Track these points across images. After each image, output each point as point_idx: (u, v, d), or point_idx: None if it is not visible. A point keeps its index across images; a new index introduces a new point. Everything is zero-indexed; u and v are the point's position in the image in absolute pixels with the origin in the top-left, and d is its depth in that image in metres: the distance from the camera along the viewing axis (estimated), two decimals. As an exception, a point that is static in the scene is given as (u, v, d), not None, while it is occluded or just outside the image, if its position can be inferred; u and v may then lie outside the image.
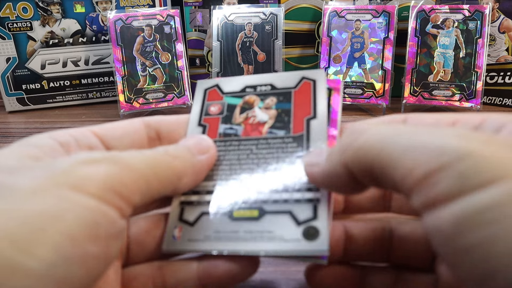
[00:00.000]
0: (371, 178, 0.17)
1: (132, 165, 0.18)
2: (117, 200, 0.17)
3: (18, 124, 0.64)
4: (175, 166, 0.20)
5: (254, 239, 0.21)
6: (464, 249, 0.12)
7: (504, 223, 0.12)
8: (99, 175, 0.17)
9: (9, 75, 0.66)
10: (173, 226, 0.22)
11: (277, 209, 0.21)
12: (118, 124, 0.24)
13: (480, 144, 0.13)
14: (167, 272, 0.22)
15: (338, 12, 0.64)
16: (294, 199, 0.21)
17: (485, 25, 0.59)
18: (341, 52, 0.64)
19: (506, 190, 0.12)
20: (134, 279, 0.22)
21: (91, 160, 0.17)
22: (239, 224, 0.21)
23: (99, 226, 0.16)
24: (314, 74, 0.26)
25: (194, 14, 0.68)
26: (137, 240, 0.22)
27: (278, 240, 0.20)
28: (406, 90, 0.62)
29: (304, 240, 0.20)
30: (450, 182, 0.13)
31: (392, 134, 0.16)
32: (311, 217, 0.20)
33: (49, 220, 0.15)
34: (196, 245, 0.21)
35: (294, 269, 0.29)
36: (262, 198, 0.22)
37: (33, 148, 0.19)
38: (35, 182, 0.16)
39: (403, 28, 0.65)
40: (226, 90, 0.27)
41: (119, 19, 0.62)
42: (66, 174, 0.16)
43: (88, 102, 0.71)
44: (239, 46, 0.64)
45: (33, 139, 0.20)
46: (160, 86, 0.63)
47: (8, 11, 0.64)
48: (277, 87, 0.26)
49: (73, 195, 0.16)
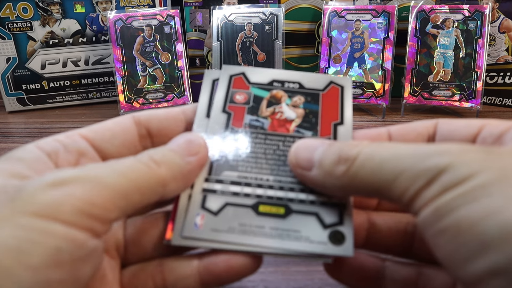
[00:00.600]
0: (368, 196, 0.19)
1: (107, 182, 0.18)
2: (88, 221, 0.17)
3: (18, 124, 0.64)
4: (160, 174, 0.19)
5: (280, 237, 0.21)
6: (440, 231, 0.16)
7: (466, 208, 0.15)
8: (67, 198, 0.16)
9: (9, 75, 0.66)
10: (195, 213, 0.21)
11: (303, 209, 0.21)
12: (107, 124, 0.23)
13: (456, 154, 0.17)
14: (167, 269, 0.22)
15: (338, 12, 0.64)
16: (320, 201, 0.22)
17: (485, 25, 0.59)
18: (341, 52, 0.64)
19: (473, 183, 0.16)
20: (134, 277, 0.22)
21: (60, 181, 0.17)
22: (264, 220, 0.21)
23: (62, 252, 0.16)
24: (342, 80, 0.26)
25: (194, 14, 0.68)
26: (134, 240, 0.22)
27: (304, 241, 0.20)
28: (406, 90, 0.62)
29: (330, 244, 0.20)
30: (434, 190, 0.16)
31: (381, 161, 0.18)
32: (337, 221, 0.21)
33: (9, 255, 0.15)
34: (219, 235, 0.21)
35: (294, 269, 0.29)
36: (288, 196, 0.22)
37: (18, 163, 0.19)
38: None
39: (403, 28, 0.65)
40: (253, 80, 0.26)
41: (119, 19, 0.62)
42: (30, 200, 0.16)
43: (88, 102, 0.71)
44: (239, 46, 0.64)
45: (19, 152, 0.20)
46: (160, 86, 0.63)
47: (8, 11, 0.64)
48: (305, 87, 0.26)
49: (36, 222, 0.15)
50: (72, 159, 0.21)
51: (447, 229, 0.16)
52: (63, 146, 0.21)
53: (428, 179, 0.17)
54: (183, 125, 0.25)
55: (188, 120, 0.25)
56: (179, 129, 0.25)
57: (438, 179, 0.16)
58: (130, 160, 0.19)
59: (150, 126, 0.24)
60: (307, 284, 0.27)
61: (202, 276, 0.21)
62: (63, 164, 0.20)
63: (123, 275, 0.22)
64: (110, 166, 0.19)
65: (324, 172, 0.20)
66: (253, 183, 0.22)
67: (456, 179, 0.16)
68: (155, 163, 0.20)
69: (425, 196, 0.17)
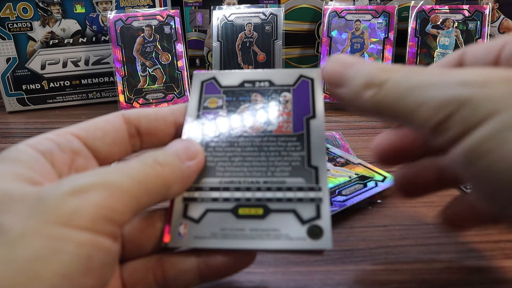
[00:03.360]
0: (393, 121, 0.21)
1: (122, 186, 0.18)
2: (110, 227, 0.17)
3: (18, 124, 0.64)
4: (165, 176, 0.20)
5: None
6: (477, 174, 0.16)
7: (498, 151, 0.15)
8: (90, 206, 0.17)
9: (9, 75, 0.66)
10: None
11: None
12: (98, 122, 0.23)
13: (478, 87, 0.16)
14: (167, 264, 0.22)
15: (338, 12, 0.64)
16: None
17: (485, 25, 0.59)
18: (341, 52, 0.64)
19: (498, 123, 0.15)
20: (134, 272, 0.22)
21: (79, 189, 0.17)
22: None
23: (93, 259, 0.16)
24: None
25: (194, 14, 0.68)
26: (131, 239, 0.22)
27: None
28: (406, 90, 0.62)
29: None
30: (457, 126, 0.16)
31: (406, 88, 0.18)
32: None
33: (42, 264, 0.15)
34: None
35: (294, 270, 0.29)
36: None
37: (16, 165, 0.19)
38: (23, 223, 0.16)
39: (403, 28, 0.65)
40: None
41: (119, 19, 0.62)
42: (55, 210, 0.16)
43: (88, 102, 0.71)
44: (239, 46, 0.64)
45: (12, 152, 0.20)
46: (160, 86, 0.63)
47: (8, 12, 0.64)
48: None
49: (65, 232, 0.16)
50: (67, 158, 0.21)
51: (483, 173, 0.16)
52: (56, 145, 0.21)
53: (449, 112, 0.17)
54: (173, 125, 0.25)
55: (177, 120, 0.25)
56: (168, 129, 0.25)
57: (458, 113, 0.16)
58: (137, 163, 0.20)
59: (140, 125, 0.24)
60: (307, 284, 0.27)
61: (201, 270, 0.21)
62: (59, 164, 0.21)
63: (123, 270, 0.22)
64: (121, 170, 0.19)
65: (353, 92, 0.20)
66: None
67: (477, 117, 0.16)
68: (159, 165, 0.20)
69: (447, 129, 0.17)
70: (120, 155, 0.24)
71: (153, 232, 0.22)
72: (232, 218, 0.22)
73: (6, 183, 0.17)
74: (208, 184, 0.23)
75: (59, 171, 0.20)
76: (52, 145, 0.21)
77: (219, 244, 0.21)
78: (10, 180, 0.18)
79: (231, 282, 0.27)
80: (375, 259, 0.30)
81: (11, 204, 0.17)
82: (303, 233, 0.21)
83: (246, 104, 0.25)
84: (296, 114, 0.25)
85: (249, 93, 0.26)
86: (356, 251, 0.30)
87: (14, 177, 0.18)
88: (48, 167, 0.20)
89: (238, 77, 0.27)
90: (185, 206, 0.23)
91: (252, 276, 0.28)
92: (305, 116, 0.24)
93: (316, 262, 0.29)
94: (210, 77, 0.27)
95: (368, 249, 0.26)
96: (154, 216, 0.23)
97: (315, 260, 0.30)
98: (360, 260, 0.30)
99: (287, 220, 0.21)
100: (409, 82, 0.18)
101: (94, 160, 0.23)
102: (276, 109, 0.25)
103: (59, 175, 0.20)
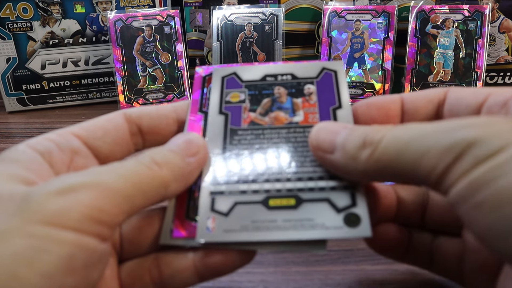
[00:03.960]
0: (392, 179, 0.19)
1: (112, 187, 0.18)
2: (97, 227, 0.17)
3: (18, 124, 0.64)
4: (162, 176, 0.20)
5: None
6: (477, 205, 0.15)
7: (505, 179, 0.15)
8: (76, 205, 0.16)
9: (9, 75, 0.66)
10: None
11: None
12: (99, 121, 0.23)
13: (486, 126, 0.16)
14: (163, 263, 0.22)
15: (338, 12, 0.64)
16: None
17: (485, 25, 0.59)
18: (341, 52, 0.64)
19: (506, 156, 0.15)
20: (131, 272, 0.22)
21: (67, 188, 0.17)
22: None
23: (76, 259, 0.16)
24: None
25: (194, 14, 0.68)
26: (130, 238, 0.22)
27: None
28: (406, 90, 0.62)
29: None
30: (466, 163, 0.16)
31: (406, 141, 0.18)
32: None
33: (22, 264, 0.15)
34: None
35: (294, 270, 0.29)
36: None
37: (14, 165, 0.19)
38: (6, 222, 0.16)
39: (403, 28, 0.65)
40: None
41: (119, 19, 0.62)
42: (39, 209, 0.16)
43: (88, 103, 0.71)
44: (239, 46, 0.64)
45: (11, 153, 0.19)
46: (160, 86, 0.63)
47: (8, 12, 0.64)
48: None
49: (47, 231, 0.16)
50: (66, 158, 0.21)
51: (485, 202, 0.15)
52: (56, 145, 0.21)
53: (458, 153, 0.16)
54: (175, 123, 0.25)
55: (179, 118, 0.25)
56: (170, 127, 0.25)
57: (468, 152, 0.16)
58: (133, 163, 0.19)
59: (141, 124, 0.24)
60: (307, 284, 0.27)
61: (198, 269, 0.21)
62: (58, 164, 0.20)
63: (120, 271, 0.22)
64: (114, 170, 0.18)
65: (348, 156, 0.20)
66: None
67: (489, 151, 0.15)
68: (157, 165, 0.20)
69: (457, 171, 0.16)
70: (122, 154, 0.24)
71: (151, 231, 0.22)
72: (263, 209, 0.21)
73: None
74: (235, 177, 0.22)
75: (57, 171, 0.20)
76: (51, 145, 0.21)
77: (251, 236, 0.20)
78: (3, 180, 0.18)
79: (231, 282, 0.27)
80: (375, 259, 0.30)
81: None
82: (340, 222, 0.20)
83: (270, 97, 0.25)
84: (322, 105, 0.25)
85: (272, 86, 0.26)
86: (356, 251, 0.30)
87: (8, 177, 0.18)
88: (45, 167, 0.20)
89: (260, 71, 0.27)
90: (212, 200, 0.22)
91: (252, 276, 0.28)
92: (332, 107, 0.24)
93: (316, 262, 0.29)
94: (231, 72, 0.27)
95: (368, 249, 0.26)
96: (153, 215, 0.23)
97: (315, 260, 0.30)
98: (360, 260, 0.30)
99: (321, 209, 0.21)
100: (408, 135, 0.18)
101: (94, 159, 0.22)
102: (300, 101, 0.25)
103: (56, 175, 0.20)
